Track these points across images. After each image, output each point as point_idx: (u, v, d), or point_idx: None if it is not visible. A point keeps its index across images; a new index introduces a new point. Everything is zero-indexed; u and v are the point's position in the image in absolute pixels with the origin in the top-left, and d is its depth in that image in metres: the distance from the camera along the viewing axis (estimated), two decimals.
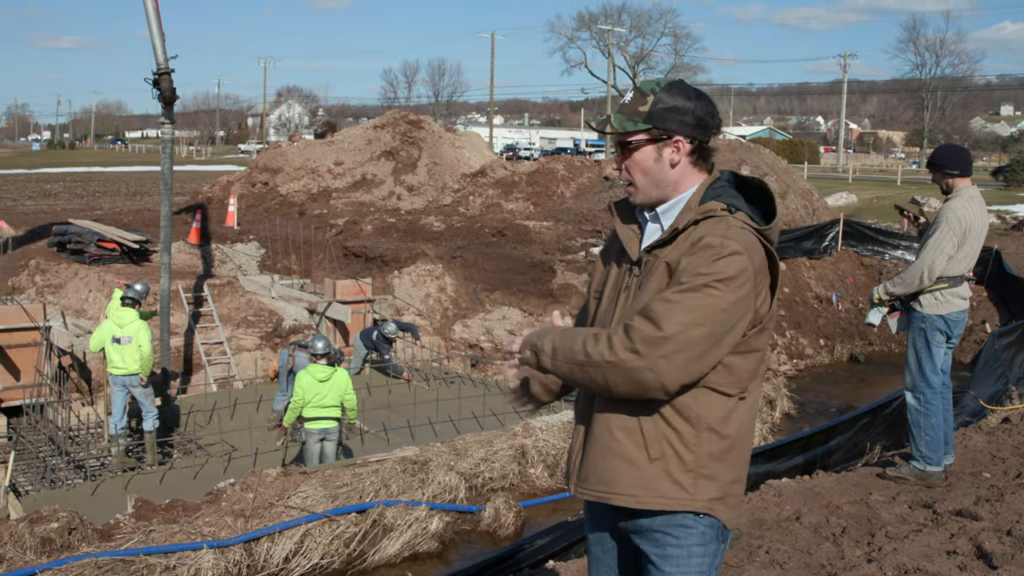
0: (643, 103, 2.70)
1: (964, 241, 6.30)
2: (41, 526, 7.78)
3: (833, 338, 19.47)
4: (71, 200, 39.58)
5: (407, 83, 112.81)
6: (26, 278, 17.83)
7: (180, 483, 10.51)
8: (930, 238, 6.36)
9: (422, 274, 18.85)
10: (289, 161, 29.98)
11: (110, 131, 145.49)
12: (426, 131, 31.57)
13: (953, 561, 4.98)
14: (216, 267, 20.60)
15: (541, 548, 6.43)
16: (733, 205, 2.64)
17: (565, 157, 31.05)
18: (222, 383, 15.30)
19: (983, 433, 8.10)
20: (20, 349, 13.95)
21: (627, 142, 2.73)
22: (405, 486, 9.12)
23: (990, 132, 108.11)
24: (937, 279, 6.35)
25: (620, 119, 2.72)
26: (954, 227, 6.26)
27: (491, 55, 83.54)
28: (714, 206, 2.65)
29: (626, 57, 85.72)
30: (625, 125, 2.71)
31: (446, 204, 27.18)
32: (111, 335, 11.42)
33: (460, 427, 12.36)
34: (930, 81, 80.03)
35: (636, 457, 2.66)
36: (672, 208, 2.74)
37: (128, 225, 22.67)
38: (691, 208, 2.68)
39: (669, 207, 2.74)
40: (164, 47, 13.91)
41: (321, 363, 10.25)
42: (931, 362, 6.46)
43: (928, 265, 6.32)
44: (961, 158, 6.47)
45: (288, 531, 8.17)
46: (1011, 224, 28.72)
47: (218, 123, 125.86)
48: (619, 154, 2.78)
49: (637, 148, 2.72)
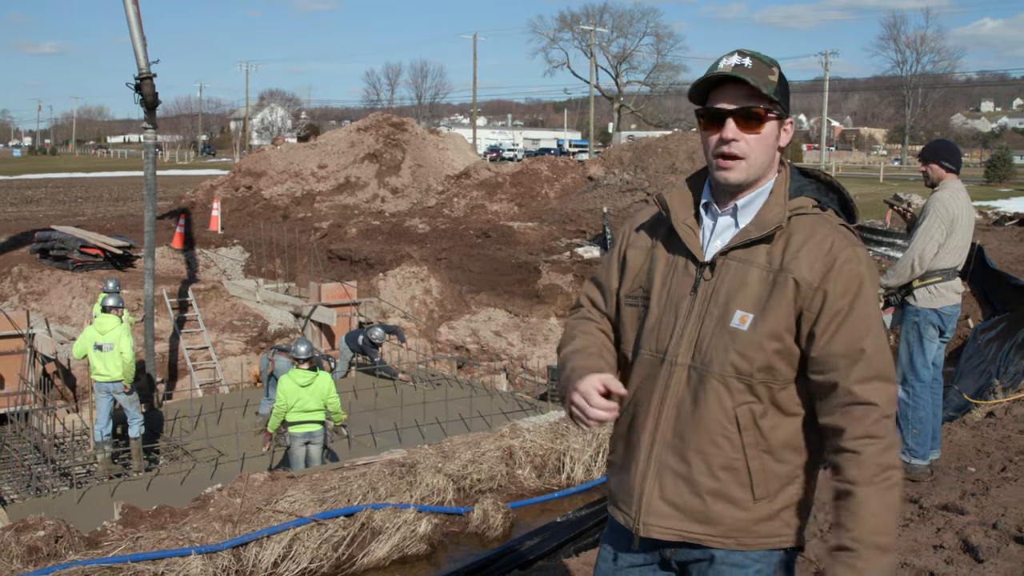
0: (771, 73, 2.34)
1: (953, 231, 6.36)
2: (27, 535, 7.72)
3: None
4: (53, 206, 39.40)
5: (390, 85, 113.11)
6: (9, 285, 17.74)
7: (167, 489, 10.46)
8: (919, 227, 6.42)
9: (407, 276, 18.83)
10: (272, 165, 29.91)
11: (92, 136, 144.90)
12: (409, 133, 31.56)
13: (940, 555, 5.00)
14: (200, 272, 20.54)
15: (530, 549, 6.44)
16: (823, 202, 2.39)
17: (549, 158, 31.07)
18: (208, 388, 15.25)
19: (968, 427, 8.14)
20: (4, 357, 13.89)
21: (754, 111, 2.33)
22: (393, 489, 9.09)
23: (971, 128, 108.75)
24: (929, 272, 6.40)
25: (760, 82, 2.30)
26: (942, 215, 6.32)
27: (473, 56, 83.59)
28: (806, 202, 2.40)
29: (608, 57, 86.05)
30: (768, 90, 2.31)
31: (430, 206, 27.16)
32: (93, 342, 11.37)
33: (447, 429, 12.35)
34: (911, 78, 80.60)
35: (740, 497, 2.37)
36: (754, 201, 2.41)
37: (111, 231, 22.59)
38: (779, 203, 2.38)
39: (750, 200, 2.41)
40: (146, 52, 13.86)
41: (303, 368, 10.23)
42: (922, 356, 6.51)
43: (919, 253, 6.37)
44: (957, 156, 6.60)
45: (276, 536, 8.13)
46: (993, 219, 28.90)
47: (200, 127, 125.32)
48: (737, 121, 2.33)
49: (767, 120, 2.34)
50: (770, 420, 2.36)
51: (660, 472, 2.41)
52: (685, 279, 2.42)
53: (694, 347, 2.37)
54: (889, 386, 2.26)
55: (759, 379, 2.33)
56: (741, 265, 2.35)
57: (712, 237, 2.44)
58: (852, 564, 2.23)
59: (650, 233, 2.55)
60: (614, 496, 2.57)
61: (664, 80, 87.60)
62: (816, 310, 2.28)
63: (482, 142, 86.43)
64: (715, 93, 2.37)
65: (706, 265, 2.39)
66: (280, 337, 16.69)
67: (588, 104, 77.90)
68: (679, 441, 2.39)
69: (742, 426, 2.34)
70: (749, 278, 2.33)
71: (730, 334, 2.33)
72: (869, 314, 2.28)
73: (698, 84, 2.38)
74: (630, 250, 2.57)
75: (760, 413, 2.35)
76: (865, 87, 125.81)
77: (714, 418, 2.35)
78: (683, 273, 2.43)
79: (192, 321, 16.59)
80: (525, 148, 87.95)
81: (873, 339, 2.27)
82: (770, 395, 2.35)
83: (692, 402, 2.37)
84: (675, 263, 2.45)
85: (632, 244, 2.58)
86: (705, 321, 2.36)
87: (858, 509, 2.24)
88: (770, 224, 2.34)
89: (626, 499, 2.49)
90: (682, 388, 2.39)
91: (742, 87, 2.31)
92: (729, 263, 2.37)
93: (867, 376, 2.25)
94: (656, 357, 2.44)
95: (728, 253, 2.37)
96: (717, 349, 2.34)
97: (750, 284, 2.33)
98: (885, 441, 2.24)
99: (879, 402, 2.24)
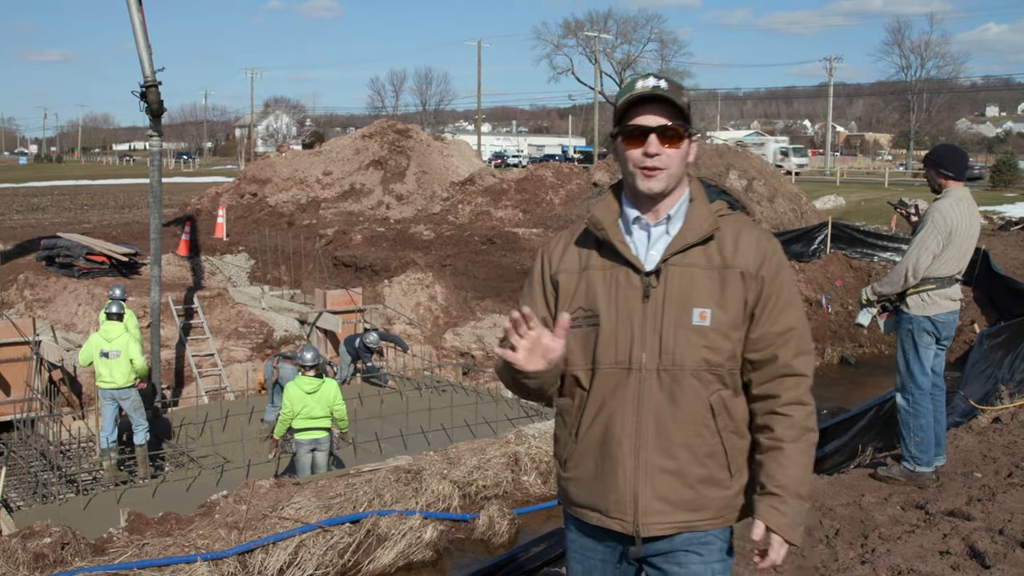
0: (683, 95, 2.58)
1: (950, 242, 6.31)
2: (34, 541, 7.74)
3: (823, 341, 19.52)
4: (59, 214, 39.52)
5: (395, 92, 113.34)
6: (15, 293, 17.78)
7: (173, 496, 10.47)
8: (915, 237, 6.40)
9: (412, 283, 18.84)
10: (277, 172, 29.96)
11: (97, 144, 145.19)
12: (414, 140, 31.59)
13: (946, 561, 4.99)
14: (206, 279, 20.57)
15: (536, 556, 6.44)
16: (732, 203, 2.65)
17: (554, 164, 31.09)
18: (213, 395, 15.27)
19: (974, 433, 8.13)
20: (10, 364, 13.91)
21: (674, 127, 2.55)
22: (399, 495, 9.10)
23: (976, 133, 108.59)
24: (924, 280, 6.37)
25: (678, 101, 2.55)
26: (939, 226, 6.28)
27: (478, 63, 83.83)
28: (721, 205, 2.68)
29: (612, 63, 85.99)
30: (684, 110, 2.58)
31: (435, 212, 27.18)
32: (99, 349, 11.39)
33: (453, 435, 12.34)
34: (915, 83, 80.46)
35: (722, 478, 2.62)
36: (679, 210, 2.63)
37: (117, 238, 22.64)
38: (705, 209, 2.63)
39: (677, 208, 2.63)
40: (151, 60, 13.91)
41: (309, 375, 10.24)
42: (919, 363, 6.48)
43: (912, 264, 6.34)
44: (958, 162, 6.45)
45: (282, 542, 8.14)
46: (998, 224, 28.87)
47: (205, 134, 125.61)
48: (659, 137, 2.54)
49: (682, 137, 2.58)
50: (734, 402, 2.61)
51: (650, 473, 2.57)
52: (631, 290, 2.58)
53: (659, 351, 2.55)
54: (811, 358, 2.63)
55: (727, 368, 2.58)
56: (685, 269, 2.56)
57: (649, 247, 2.62)
58: (777, 508, 2.52)
59: (576, 255, 2.70)
60: (600, 508, 2.67)
61: None
62: (756, 296, 2.57)
63: (487, 148, 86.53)
64: (635, 112, 2.56)
65: (651, 274, 2.57)
66: (285, 344, 16.71)
67: (593, 110, 77.94)
68: (664, 440, 2.56)
69: (716, 412, 2.57)
70: (696, 278, 2.55)
71: (696, 332, 2.53)
72: (794, 294, 2.62)
73: (621, 104, 2.59)
74: (561, 275, 2.70)
75: (728, 398, 2.60)
76: (870, 92, 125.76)
77: (694, 411, 2.56)
78: (627, 285, 2.59)
79: (198, 328, 16.61)
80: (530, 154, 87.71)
81: (799, 317, 2.61)
82: (732, 380, 2.60)
83: (670, 401, 2.55)
84: (615, 277, 2.61)
85: (560, 269, 2.70)
86: (664, 325, 2.54)
87: (786, 462, 2.54)
88: (704, 228, 2.58)
89: (617, 508, 2.62)
90: (655, 391, 2.55)
91: (662, 106, 2.54)
92: (672, 268, 2.56)
93: (799, 351, 2.59)
94: (619, 368, 2.58)
95: (668, 260, 2.57)
96: (686, 348, 2.53)
97: (700, 283, 2.55)
98: (809, 408, 2.60)
99: (807, 373, 2.59)
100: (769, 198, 24.13)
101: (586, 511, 2.71)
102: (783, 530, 2.52)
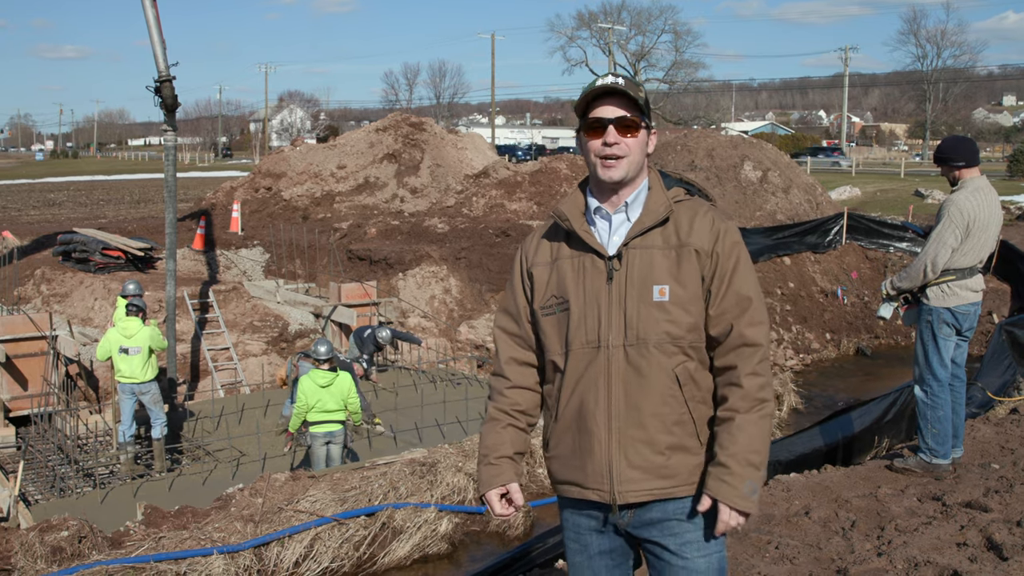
0: (641, 90, 2.78)
1: (969, 233, 6.27)
2: (51, 535, 7.79)
3: (839, 332, 19.44)
4: (75, 209, 39.72)
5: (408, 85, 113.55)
6: (32, 288, 17.88)
7: (189, 489, 10.52)
8: (933, 231, 6.36)
9: (427, 276, 18.85)
10: (292, 166, 29.99)
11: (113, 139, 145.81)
12: (428, 133, 31.56)
13: (963, 553, 4.97)
14: (221, 273, 20.63)
15: (551, 547, 6.42)
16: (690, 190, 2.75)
17: (568, 156, 31.01)
18: (229, 389, 15.32)
19: (991, 424, 8.08)
20: (27, 359, 13.98)
21: (631, 119, 2.77)
22: (414, 488, 9.12)
23: (993, 123, 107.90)
24: (944, 271, 6.34)
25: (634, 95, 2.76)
26: (955, 219, 6.25)
27: (492, 56, 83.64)
28: (679, 191, 2.88)
29: (627, 55, 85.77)
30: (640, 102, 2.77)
31: (449, 205, 27.16)
32: (118, 345, 11.44)
33: (467, 428, 12.36)
34: (932, 73, 79.96)
35: (691, 445, 2.77)
36: (638, 198, 2.83)
37: (133, 233, 22.73)
38: (661, 195, 2.83)
39: (635, 196, 2.83)
40: (165, 55, 13.93)
41: (323, 368, 10.27)
42: (938, 355, 6.43)
43: (931, 259, 6.31)
44: (966, 148, 6.44)
45: (298, 535, 8.18)
46: (1016, 214, 28.65)
47: (220, 129, 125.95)
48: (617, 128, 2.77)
49: (639, 128, 2.80)
50: (700, 373, 2.78)
51: (623, 443, 2.74)
52: (596, 275, 2.79)
53: (624, 327, 2.73)
54: (767, 327, 2.78)
55: (689, 340, 2.75)
56: (644, 251, 2.76)
57: (611, 233, 2.83)
58: (724, 479, 2.66)
59: (548, 248, 2.92)
60: (578, 481, 2.85)
61: (683, 77, 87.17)
62: (711, 272, 2.75)
63: (501, 141, 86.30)
64: (596, 107, 2.79)
65: (614, 258, 2.78)
66: (300, 338, 16.74)
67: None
68: (634, 411, 2.73)
69: (682, 382, 2.74)
70: (655, 258, 2.75)
71: (657, 307, 2.72)
72: (749, 269, 2.78)
73: (581, 99, 2.81)
74: (535, 269, 2.93)
75: (694, 369, 2.76)
76: (885, 82, 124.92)
77: (660, 381, 2.72)
78: (593, 270, 2.80)
79: (213, 322, 16.66)
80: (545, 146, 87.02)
81: (755, 289, 2.77)
82: (697, 353, 2.77)
83: (636, 374, 2.73)
84: (582, 264, 2.82)
85: (534, 264, 2.94)
86: (628, 304, 2.74)
87: (737, 432, 2.68)
88: (660, 213, 2.78)
89: (595, 479, 2.79)
90: (623, 365, 2.73)
91: (619, 100, 2.75)
92: (632, 251, 2.76)
93: (753, 321, 2.74)
94: (590, 347, 2.77)
95: (629, 243, 2.77)
96: (649, 323, 2.72)
97: (658, 262, 2.74)
98: (764, 379, 2.74)
99: (762, 342, 2.74)
100: (784, 189, 24.02)
101: (568, 486, 2.88)
102: (730, 500, 2.64)
